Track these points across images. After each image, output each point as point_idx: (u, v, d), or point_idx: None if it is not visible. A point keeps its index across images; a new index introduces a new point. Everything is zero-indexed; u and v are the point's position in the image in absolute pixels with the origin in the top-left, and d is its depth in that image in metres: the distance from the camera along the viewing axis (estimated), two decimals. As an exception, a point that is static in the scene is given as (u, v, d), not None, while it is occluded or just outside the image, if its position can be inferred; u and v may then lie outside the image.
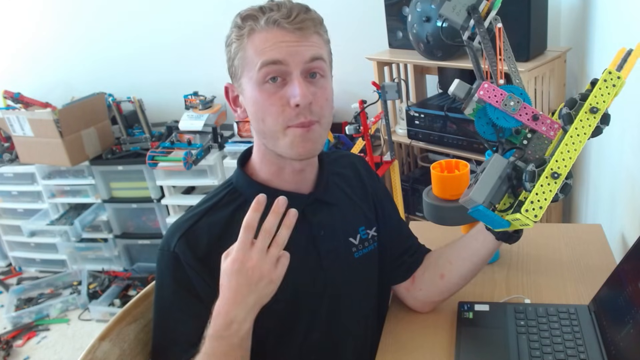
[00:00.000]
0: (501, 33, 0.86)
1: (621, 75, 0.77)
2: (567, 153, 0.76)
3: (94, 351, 0.93)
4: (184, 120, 2.59)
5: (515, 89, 0.81)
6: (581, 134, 0.77)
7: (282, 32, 0.85)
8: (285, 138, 0.88)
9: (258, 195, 0.78)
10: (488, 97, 0.78)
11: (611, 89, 0.77)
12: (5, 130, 2.79)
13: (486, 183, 0.78)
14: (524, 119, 0.79)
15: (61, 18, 2.93)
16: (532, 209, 0.75)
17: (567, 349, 0.89)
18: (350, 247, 1.03)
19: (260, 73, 0.85)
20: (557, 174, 0.75)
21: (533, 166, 0.77)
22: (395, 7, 2.15)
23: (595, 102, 0.77)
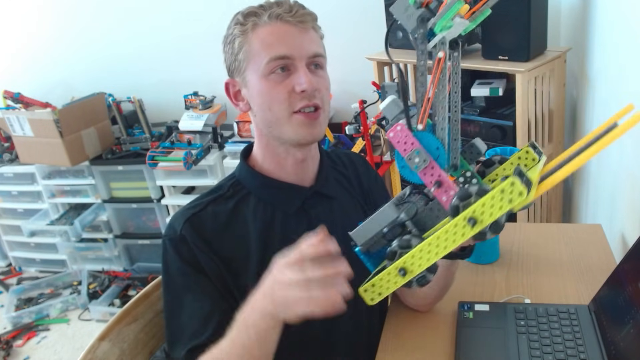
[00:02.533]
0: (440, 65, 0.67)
1: (524, 192, 0.59)
2: (426, 254, 0.66)
3: (94, 351, 0.93)
4: (184, 120, 2.59)
5: (433, 140, 0.68)
6: (450, 240, 0.64)
7: (286, 26, 0.91)
8: (291, 123, 0.93)
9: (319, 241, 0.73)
10: (397, 141, 0.68)
11: (505, 204, 0.60)
12: (5, 130, 2.79)
13: (368, 230, 0.73)
14: (427, 180, 0.67)
15: (61, 18, 2.93)
16: (371, 291, 0.71)
17: (567, 349, 0.89)
18: (349, 241, 1.03)
19: (268, 66, 0.91)
20: (405, 272, 0.68)
21: (397, 245, 0.69)
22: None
23: (478, 214, 0.61)
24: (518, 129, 1.84)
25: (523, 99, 1.80)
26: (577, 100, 1.97)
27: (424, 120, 0.68)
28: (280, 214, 0.98)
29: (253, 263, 0.94)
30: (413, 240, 0.68)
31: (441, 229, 0.64)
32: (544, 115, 1.94)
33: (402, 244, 0.68)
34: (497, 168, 0.82)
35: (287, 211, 0.98)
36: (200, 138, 2.60)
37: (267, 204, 0.98)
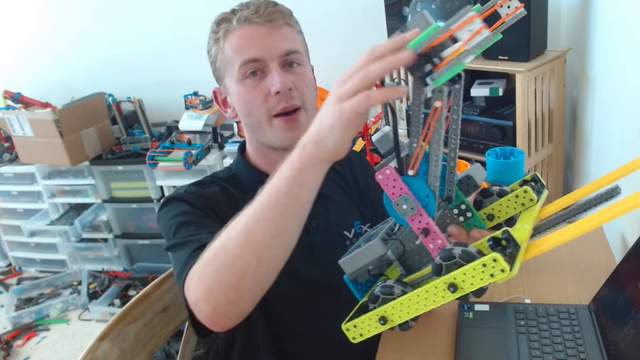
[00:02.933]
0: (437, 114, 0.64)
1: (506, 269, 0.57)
2: (407, 307, 0.66)
3: (94, 351, 0.93)
4: (184, 120, 2.59)
5: (423, 188, 0.66)
6: (430, 300, 0.63)
7: (254, 27, 0.90)
8: (272, 129, 0.92)
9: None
10: (385, 184, 0.66)
11: (486, 277, 0.59)
12: (5, 130, 2.79)
13: (356, 261, 0.71)
14: (414, 226, 0.65)
15: (61, 18, 2.93)
16: (353, 331, 0.71)
17: (567, 349, 0.89)
18: (345, 240, 1.04)
19: (240, 71, 0.90)
20: (385, 321, 0.68)
21: (380, 290, 0.68)
22: (395, 7, 2.14)
23: (459, 281, 0.60)
24: (518, 129, 1.84)
25: (523, 99, 1.80)
26: (577, 100, 1.97)
27: (415, 166, 0.66)
28: None
29: None
30: (395, 288, 0.67)
31: (422, 288, 0.64)
32: (544, 115, 1.94)
33: (384, 290, 0.68)
34: (494, 201, 0.81)
35: None
36: (200, 138, 2.60)
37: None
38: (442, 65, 0.59)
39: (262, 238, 0.67)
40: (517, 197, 0.79)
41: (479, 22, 0.58)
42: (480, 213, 0.81)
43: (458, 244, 0.61)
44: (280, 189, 0.66)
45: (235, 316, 0.71)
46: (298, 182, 0.66)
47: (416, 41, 0.59)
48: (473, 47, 0.59)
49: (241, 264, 0.67)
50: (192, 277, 0.73)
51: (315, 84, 1.00)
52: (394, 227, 0.76)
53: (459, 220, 0.80)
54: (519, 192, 0.79)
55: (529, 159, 1.92)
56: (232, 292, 0.68)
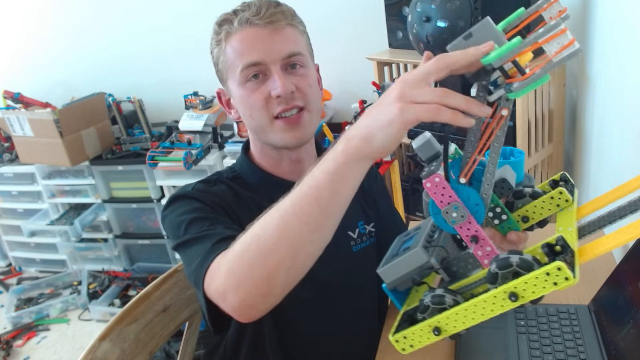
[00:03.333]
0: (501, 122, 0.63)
1: (570, 277, 0.57)
2: (462, 317, 0.64)
3: (94, 351, 0.93)
4: (184, 120, 2.59)
5: (473, 196, 0.65)
6: (488, 309, 0.63)
7: (255, 29, 0.89)
8: (273, 129, 0.92)
9: None
10: (434, 192, 0.64)
11: (549, 286, 0.58)
12: (5, 130, 2.79)
13: (397, 270, 0.71)
14: (463, 233, 0.65)
15: (61, 18, 2.93)
16: (402, 342, 0.69)
17: (567, 349, 0.89)
18: (349, 240, 1.04)
19: (242, 74, 0.90)
20: (439, 331, 0.66)
21: (429, 300, 0.66)
22: (395, 7, 2.15)
23: (520, 290, 0.60)
24: (518, 129, 1.83)
25: (523, 99, 1.80)
26: (577, 100, 1.97)
27: (468, 175, 0.66)
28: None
29: None
30: (447, 298, 0.66)
31: (480, 298, 0.63)
32: (544, 115, 1.94)
33: (435, 300, 0.66)
34: (527, 203, 0.80)
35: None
36: (200, 138, 2.60)
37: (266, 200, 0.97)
38: (524, 78, 0.58)
39: (299, 232, 0.66)
40: (552, 198, 0.78)
41: (569, 35, 0.57)
42: (514, 215, 0.80)
43: (513, 252, 0.61)
44: (322, 182, 0.64)
45: (264, 308, 0.71)
46: (341, 177, 0.64)
47: (498, 54, 0.58)
48: (561, 59, 0.57)
49: (275, 258, 0.67)
50: (219, 268, 0.72)
51: (320, 82, 1.01)
52: (432, 234, 0.74)
53: (493, 223, 0.79)
54: (554, 193, 0.78)
55: (529, 159, 1.92)
56: (264, 285, 0.68)
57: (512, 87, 0.59)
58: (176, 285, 1.13)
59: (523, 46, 0.57)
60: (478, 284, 0.68)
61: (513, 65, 0.59)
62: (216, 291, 0.72)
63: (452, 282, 0.71)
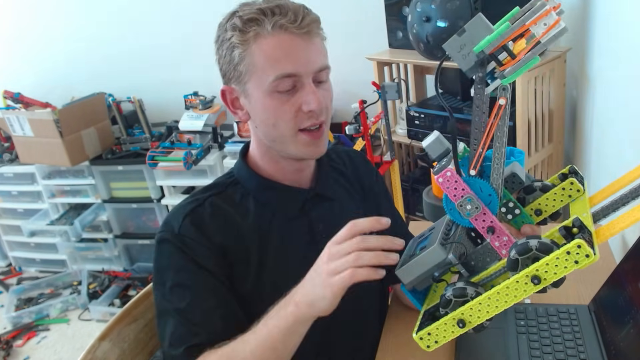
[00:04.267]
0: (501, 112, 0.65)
1: (591, 253, 0.58)
2: (486, 307, 0.65)
3: (94, 351, 0.93)
4: (184, 120, 2.59)
5: (485, 187, 0.67)
6: (511, 295, 0.64)
7: (291, 38, 0.84)
8: (295, 142, 0.90)
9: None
10: (446, 187, 0.67)
11: (570, 265, 0.59)
12: (5, 130, 2.79)
13: (415, 270, 0.72)
14: (479, 225, 0.67)
15: (61, 18, 2.93)
16: (427, 339, 0.71)
17: (567, 349, 0.89)
18: None
19: (274, 84, 0.85)
20: (464, 324, 0.67)
21: (452, 293, 0.67)
22: (395, 7, 2.15)
23: (542, 272, 0.61)
24: (518, 128, 1.84)
25: (523, 99, 1.80)
26: (577, 100, 1.97)
27: (477, 167, 0.67)
28: (280, 216, 0.96)
29: (253, 265, 0.93)
30: (468, 290, 0.67)
31: (502, 285, 0.63)
32: (544, 115, 1.94)
33: (457, 293, 0.67)
34: (538, 197, 0.80)
35: (287, 213, 0.97)
36: (200, 138, 2.60)
37: (266, 205, 0.96)
38: (515, 61, 0.59)
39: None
40: (564, 189, 0.78)
41: (554, 15, 0.58)
42: (527, 209, 0.80)
43: (531, 237, 0.62)
44: (276, 336, 0.78)
45: None
46: (291, 332, 0.78)
47: (487, 41, 0.60)
48: (549, 40, 0.59)
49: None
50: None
51: None
52: (447, 231, 0.75)
53: (507, 218, 0.80)
54: (565, 184, 0.78)
55: (529, 159, 1.92)
56: None
57: (505, 72, 0.61)
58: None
59: (510, 30, 0.59)
60: (498, 274, 0.69)
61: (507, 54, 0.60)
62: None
63: (471, 277, 0.72)
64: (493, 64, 0.63)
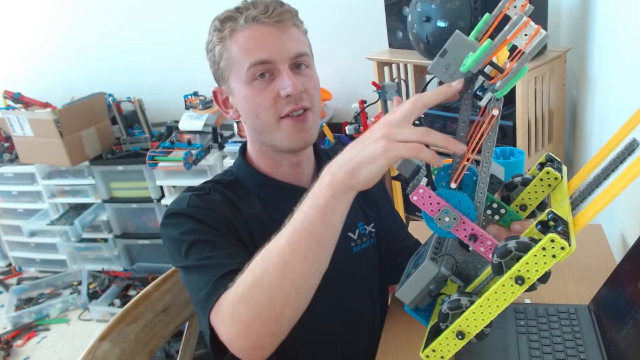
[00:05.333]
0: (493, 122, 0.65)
1: (565, 245, 0.59)
2: (480, 315, 0.66)
3: (94, 351, 0.93)
4: (184, 120, 2.59)
5: (463, 199, 0.68)
6: (501, 299, 0.65)
7: (263, 28, 0.88)
8: (280, 131, 0.91)
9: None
10: (422, 204, 0.67)
11: (549, 260, 0.60)
12: (5, 130, 2.79)
13: (413, 288, 0.72)
14: (460, 235, 0.67)
15: (61, 18, 2.93)
16: (433, 356, 0.70)
17: (567, 349, 0.89)
18: (349, 241, 1.03)
19: (249, 72, 0.88)
20: (463, 335, 0.68)
21: (447, 307, 0.68)
22: (395, 7, 2.15)
23: (524, 272, 0.61)
24: (518, 129, 1.84)
25: (523, 99, 1.80)
26: (577, 100, 1.97)
27: (458, 180, 0.68)
28: (280, 214, 0.97)
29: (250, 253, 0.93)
30: (462, 300, 0.67)
31: (490, 290, 0.64)
32: (544, 115, 1.94)
33: (452, 305, 0.68)
34: (521, 191, 0.80)
35: (287, 211, 0.97)
36: (200, 138, 2.60)
37: (266, 203, 0.97)
38: (504, 75, 0.60)
39: (300, 268, 0.69)
40: (542, 180, 0.79)
41: (533, 24, 0.60)
42: (512, 206, 0.81)
43: (510, 238, 0.62)
44: (314, 217, 0.68)
45: (273, 347, 0.73)
46: (331, 209, 0.68)
47: (473, 60, 0.61)
48: (533, 48, 0.60)
49: (281, 297, 0.69)
50: (224, 311, 0.74)
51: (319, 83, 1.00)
52: (437, 245, 0.75)
53: (494, 220, 0.80)
54: (542, 174, 0.79)
55: (529, 159, 1.92)
56: (272, 325, 0.70)
57: (496, 86, 0.62)
58: (176, 285, 1.13)
59: (494, 47, 0.60)
60: (489, 279, 0.69)
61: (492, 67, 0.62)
62: (225, 335, 0.73)
63: (466, 286, 0.72)
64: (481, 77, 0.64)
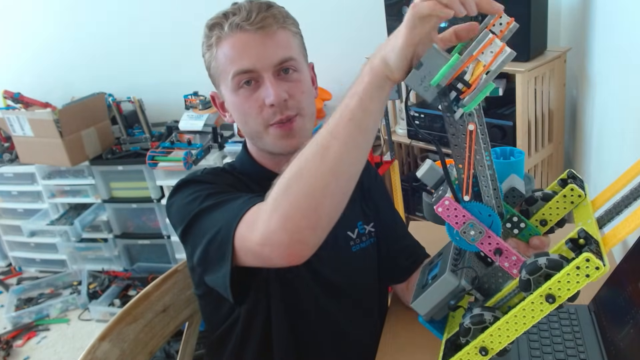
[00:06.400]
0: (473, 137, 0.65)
1: (600, 265, 0.58)
2: (505, 332, 0.65)
3: (94, 351, 0.93)
4: (184, 120, 2.59)
5: (483, 209, 0.67)
6: (528, 317, 0.63)
7: (245, 35, 0.87)
8: (268, 136, 0.91)
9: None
10: (447, 215, 0.66)
11: (582, 279, 0.59)
12: (5, 130, 2.79)
13: (430, 300, 0.71)
14: (485, 248, 0.67)
15: (61, 18, 2.93)
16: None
17: (567, 349, 0.89)
18: (348, 240, 1.03)
19: (234, 81, 0.88)
20: (486, 351, 0.66)
21: (469, 321, 0.66)
22: (395, 7, 2.15)
23: (555, 290, 0.60)
24: (518, 129, 1.84)
25: (523, 99, 1.80)
26: (577, 100, 1.97)
27: (469, 191, 0.67)
28: None
29: None
30: (486, 316, 0.66)
31: (518, 307, 0.63)
32: (544, 115, 1.94)
33: (474, 320, 0.66)
34: (541, 206, 0.80)
35: None
36: (200, 138, 2.60)
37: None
38: (471, 90, 0.61)
39: (339, 153, 0.68)
40: (565, 196, 0.78)
41: (499, 42, 0.60)
42: (531, 220, 0.80)
43: (539, 255, 0.61)
44: (353, 104, 0.68)
45: (312, 243, 0.70)
46: (369, 96, 0.67)
47: (440, 75, 0.61)
48: (498, 66, 0.60)
49: (321, 184, 0.68)
50: (258, 214, 0.72)
51: (314, 83, 0.99)
52: (456, 256, 0.74)
53: (513, 233, 0.79)
54: (566, 191, 0.78)
55: (529, 159, 1.92)
56: (312, 214, 0.68)
57: (464, 101, 0.62)
58: (176, 285, 1.13)
59: (460, 62, 0.61)
60: (512, 294, 0.68)
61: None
62: (260, 237, 0.71)
63: (486, 300, 0.71)
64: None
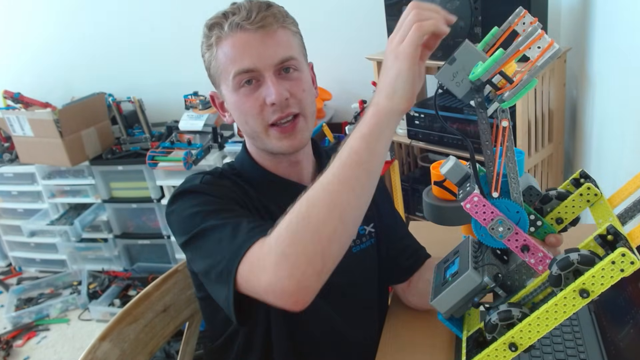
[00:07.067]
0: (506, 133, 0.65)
1: (635, 260, 0.58)
2: (536, 327, 0.64)
3: (94, 351, 0.93)
4: (184, 120, 2.59)
5: (512, 205, 0.68)
6: (560, 312, 0.62)
7: (246, 35, 0.87)
8: (269, 137, 0.91)
9: None
10: (475, 212, 0.66)
11: (616, 274, 0.59)
12: (5, 130, 2.79)
13: (451, 298, 0.71)
14: (512, 245, 0.67)
15: (61, 18, 2.93)
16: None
17: (567, 349, 0.89)
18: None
19: (235, 81, 0.88)
20: (516, 347, 0.65)
21: (497, 317, 0.66)
22: (395, 7, 2.14)
23: (588, 285, 0.60)
24: (518, 128, 1.84)
25: (523, 99, 1.80)
26: (577, 100, 1.97)
27: (497, 188, 0.67)
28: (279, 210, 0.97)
29: None
30: (514, 311, 0.65)
31: (550, 302, 0.62)
32: (544, 115, 1.94)
33: (502, 316, 0.65)
34: (556, 205, 0.80)
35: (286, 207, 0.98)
36: (200, 138, 2.60)
37: (267, 198, 0.97)
38: (513, 86, 0.60)
39: (347, 199, 0.68)
40: (582, 195, 0.78)
41: (547, 38, 0.60)
42: (547, 218, 0.80)
43: (570, 250, 0.61)
44: (359, 147, 0.68)
45: (316, 288, 0.70)
46: (375, 137, 0.68)
47: (484, 68, 0.61)
48: (544, 62, 0.59)
49: (328, 230, 0.68)
50: (263, 257, 0.71)
51: (314, 83, 0.99)
52: (475, 253, 0.74)
53: (530, 231, 0.78)
54: (582, 190, 0.78)
55: (529, 159, 1.92)
56: (319, 260, 0.68)
57: (504, 96, 0.61)
58: (176, 285, 1.13)
59: (506, 56, 0.60)
60: (538, 291, 0.68)
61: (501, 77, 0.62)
62: (266, 281, 0.70)
63: (509, 296, 0.71)
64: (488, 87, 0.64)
